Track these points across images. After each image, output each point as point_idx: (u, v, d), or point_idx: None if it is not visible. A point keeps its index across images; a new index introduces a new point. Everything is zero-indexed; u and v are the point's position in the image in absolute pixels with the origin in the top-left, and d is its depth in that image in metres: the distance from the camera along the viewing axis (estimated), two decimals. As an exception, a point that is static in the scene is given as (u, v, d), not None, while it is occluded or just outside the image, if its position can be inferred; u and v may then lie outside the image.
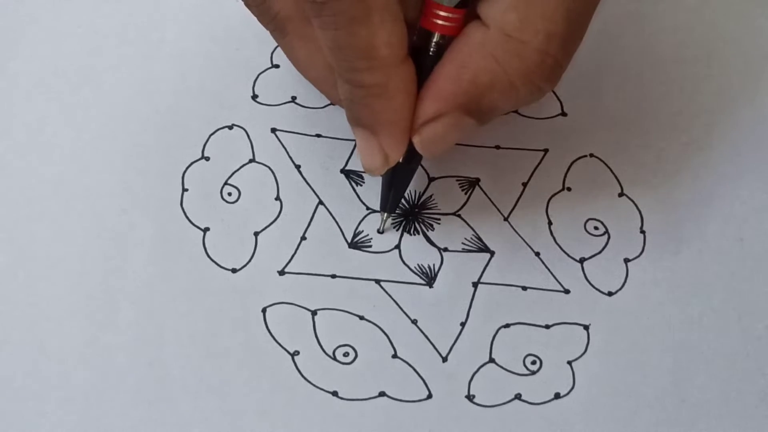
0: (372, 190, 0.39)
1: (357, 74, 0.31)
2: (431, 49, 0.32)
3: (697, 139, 0.40)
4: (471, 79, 0.31)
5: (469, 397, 0.35)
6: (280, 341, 0.36)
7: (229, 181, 0.39)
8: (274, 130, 0.40)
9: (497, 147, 0.40)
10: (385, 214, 0.37)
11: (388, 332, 0.36)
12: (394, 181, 0.36)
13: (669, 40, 0.42)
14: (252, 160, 0.39)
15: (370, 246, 0.38)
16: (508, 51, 0.30)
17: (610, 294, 0.37)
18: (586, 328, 0.36)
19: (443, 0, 0.31)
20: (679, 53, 0.42)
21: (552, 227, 0.38)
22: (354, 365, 0.36)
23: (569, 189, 0.39)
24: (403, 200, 0.39)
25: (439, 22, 0.32)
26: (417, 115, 0.32)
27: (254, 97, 0.40)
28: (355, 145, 0.39)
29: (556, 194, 0.39)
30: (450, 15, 0.31)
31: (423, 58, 0.32)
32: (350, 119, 0.33)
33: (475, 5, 0.31)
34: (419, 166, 0.37)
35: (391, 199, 0.37)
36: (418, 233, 0.38)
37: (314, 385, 0.35)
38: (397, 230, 0.38)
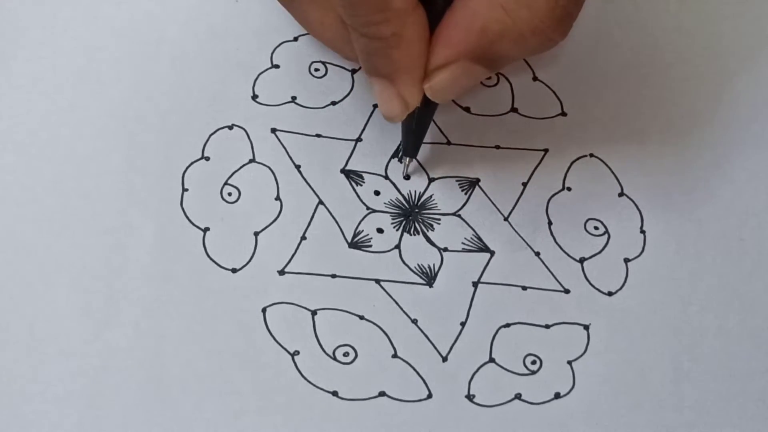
0: (371, 189, 0.39)
1: (373, 27, 0.31)
2: None
3: (697, 139, 0.40)
4: (481, 28, 0.31)
5: (469, 397, 0.35)
6: (280, 341, 0.36)
7: (229, 181, 0.39)
8: (274, 130, 0.40)
9: (497, 147, 0.40)
10: (407, 159, 0.38)
11: (388, 332, 0.36)
12: (414, 125, 0.36)
13: (669, 40, 0.42)
14: (252, 160, 0.39)
15: (370, 246, 0.38)
16: (518, 1, 0.30)
17: (610, 294, 0.37)
18: (586, 328, 0.36)
19: None
20: (680, 53, 0.42)
21: (552, 227, 0.38)
22: (354, 365, 0.36)
23: (569, 189, 0.39)
24: (402, 200, 0.39)
25: None
26: (428, 62, 0.33)
27: (254, 97, 0.40)
28: (355, 145, 0.39)
29: (556, 194, 0.39)
30: None
31: (432, 5, 0.32)
32: (367, 70, 0.34)
33: None
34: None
35: (412, 144, 0.37)
36: (418, 233, 0.38)
37: (314, 385, 0.35)
38: (398, 230, 0.38)
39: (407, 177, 0.39)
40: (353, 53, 0.34)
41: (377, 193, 0.39)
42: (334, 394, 0.35)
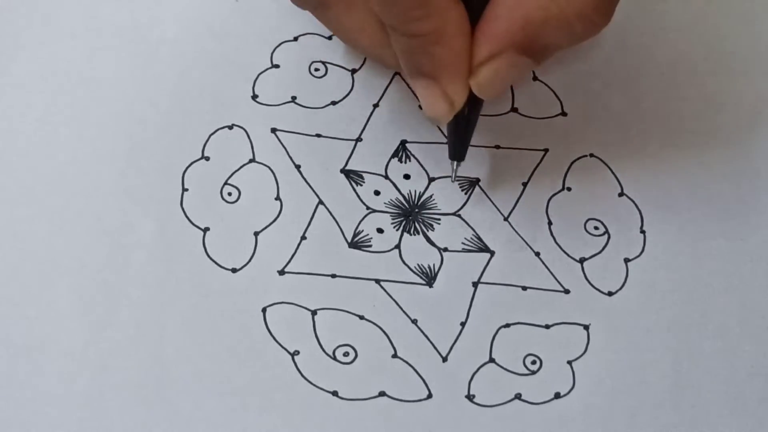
0: (372, 189, 0.39)
1: (413, 24, 0.31)
2: None
3: (697, 139, 0.40)
4: (524, 16, 0.30)
5: (469, 397, 0.35)
6: (280, 341, 0.36)
7: (229, 181, 0.39)
8: (274, 130, 0.40)
9: (497, 147, 0.40)
10: (455, 163, 0.37)
11: (388, 332, 0.36)
12: (459, 127, 0.35)
13: (670, 40, 0.42)
14: (252, 160, 0.39)
15: (370, 246, 0.38)
16: None
17: (610, 294, 0.37)
18: (586, 328, 0.36)
19: None
20: (680, 53, 0.42)
21: (552, 227, 0.38)
22: (354, 365, 0.36)
23: (569, 189, 0.39)
24: (402, 200, 0.39)
25: None
26: (472, 57, 0.32)
27: (254, 97, 0.40)
28: (355, 145, 0.39)
29: (556, 194, 0.39)
30: None
31: None
32: (410, 72, 0.33)
33: None
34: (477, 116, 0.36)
35: (459, 146, 0.36)
36: (418, 233, 0.38)
37: (314, 385, 0.35)
38: (398, 230, 0.38)
39: (454, 180, 0.38)
40: (393, 59, 0.33)
41: (377, 193, 0.39)
42: (334, 394, 0.35)
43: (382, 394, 0.35)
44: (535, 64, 0.32)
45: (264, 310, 0.36)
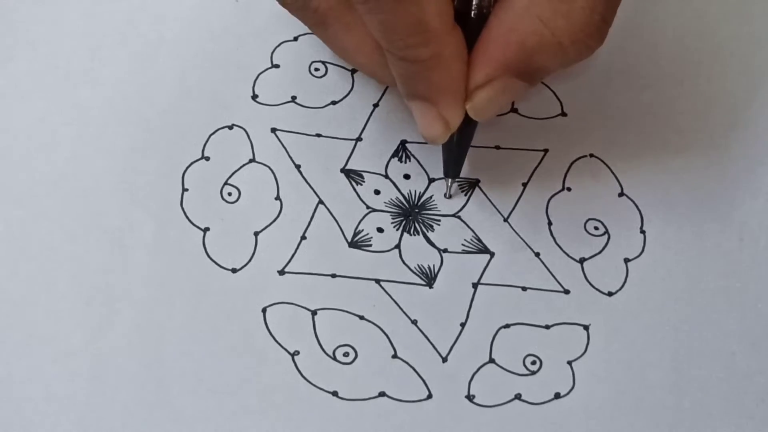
0: (372, 189, 0.39)
1: (411, 50, 0.31)
2: (473, 12, 0.32)
3: (697, 139, 0.40)
4: (519, 42, 0.31)
5: (469, 397, 0.35)
6: (280, 341, 0.36)
7: (229, 181, 0.39)
8: (274, 130, 0.40)
9: (497, 147, 0.40)
10: (450, 180, 0.38)
11: (388, 332, 0.36)
12: (456, 145, 0.36)
13: (670, 40, 0.42)
14: (252, 160, 0.39)
15: (370, 246, 0.38)
16: (555, 11, 0.30)
17: (610, 294, 0.37)
18: (586, 328, 0.36)
19: None
20: (680, 53, 0.42)
21: (552, 227, 0.38)
22: (354, 365, 0.36)
23: (569, 189, 0.39)
24: (402, 200, 0.39)
25: None
26: (468, 81, 0.32)
27: (254, 97, 0.40)
28: (355, 145, 0.39)
29: (556, 194, 0.39)
30: None
31: (467, 22, 0.32)
32: (406, 94, 0.33)
33: None
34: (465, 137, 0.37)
35: (454, 164, 0.37)
36: (418, 234, 0.38)
37: (314, 385, 0.35)
38: (398, 230, 0.38)
39: (449, 197, 0.38)
40: (390, 78, 0.34)
41: (377, 192, 0.39)
42: (334, 394, 0.35)
43: (382, 394, 0.35)
44: (529, 86, 0.33)
45: (264, 310, 0.36)
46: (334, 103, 0.40)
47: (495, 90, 0.32)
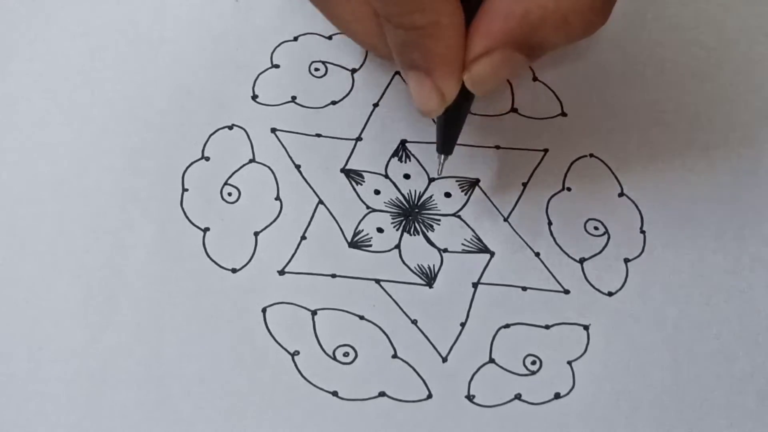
0: (372, 189, 0.39)
1: (408, 17, 0.30)
2: None
3: (697, 139, 0.40)
4: (522, 14, 0.30)
5: (469, 397, 0.35)
6: (280, 341, 0.36)
7: (229, 181, 0.39)
8: (274, 130, 0.40)
9: (497, 147, 0.40)
10: (442, 156, 0.37)
11: (388, 332, 0.36)
12: (449, 121, 0.35)
13: (670, 40, 0.42)
14: (252, 160, 0.39)
15: (370, 246, 0.38)
16: None
17: (610, 294, 0.37)
18: (586, 328, 0.36)
19: None
20: (680, 53, 0.42)
21: (552, 227, 0.38)
22: (354, 365, 0.36)
23: (569, 189, 0.39)
24: (402, 200, 0.39)
25: None
26: (467, 52, 0.32)
27: (254, 97, 0.40)
28: (355, 145, 0.39)
29: (556, 194, 0.39)
30: None
31: None
32: (403, 64, 0.33)
33: None
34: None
35: (447, 140, 0.36)
36: (418, 233, 0.38)
37: (314, 385, 0.35)
38: (398, 229, 0.38)
39: (438, 174, 0.38)
40: (387, 49, 0.33)
41: (377, 192, 0.39)
42: (334, 394, 0.35)
43: (382, 394, 0.35)
44: (529, 61, 0.32)
45: (264, 310, 0.36)
46: (334, 103, 0.40)
47: (494, 61, 0.31)
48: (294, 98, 0.40)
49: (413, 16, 0.30)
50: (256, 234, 0.38)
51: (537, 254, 0.38)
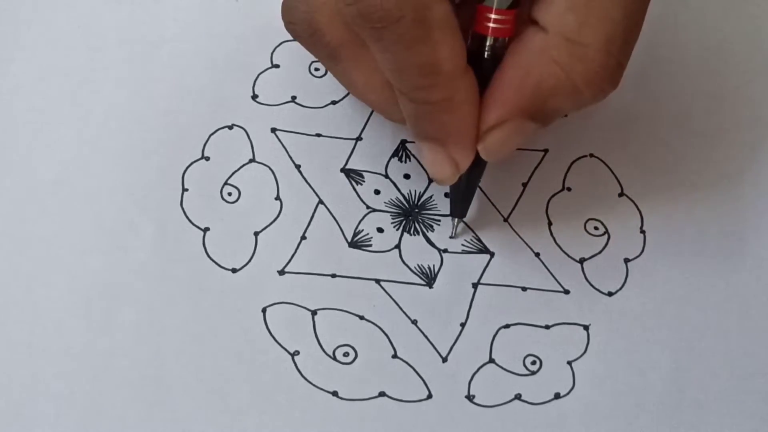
0: (372, 189, 0.39)
1: (422, 92, 0.31)
2: (486, 53, 0.32)
3: (697, 138, 0.40)
4: (534, 85, 0.31)
5: (469, 397, 0.35)
6: (280, 341, 0.36)
7: (229, 181, 0.39)
8: (274, 130, 0.40)
9: (497, 147, 0.40)
10: (456, 220, 0.37)
11: (388, 332, 0.36)
12: (464, 186, 0.36)
13: (670, 39, 0.42)
14: (252, 160, 0.39)
15: (370, 245, 0.38)
16: (571, 54, 0.30)
17: (610, 294, 0.37)
18: (586, 328, 0.36)
19: (494, 3, 0.31)
20: (680, 53, 0.42)
21: (552, 227, 0.38)
22: (354, 365, 0.36)
23: (569, 189, 0.39)
24: (402, 200, 0.39)
25: (492, 25, 0.32)
26: (481, 122, 0.32)
27: (254, 97, 0.40)
28: (355, 144, 0.39)
29: (556, 194, 0.39)
30: (502, 17, 0.32)
31: (479, 63, 0.32)
32: (416, 135, 0.33)
33: (529, 9, 0.31)
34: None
35: (461, 204, 0.37)
36: (418, 233, 0.38)
37: (314, 385, 0.35)
38: (398, 229, 0.38)
39: (453, 237, 0.38)
40: (400, 116, 0.33)
41: (377, 192, 0.39)
42: (334, 394, 0.35)
43: (382, 394, 0.35)
44: (540, 128, 0.33)
45: (264, 310, 0.36)
46: (334, 103, 0.40)
47: (508, 131, 0.32)
48: (294, 98, 0.40)
49: (428, 92, 0.31)
50: (256, 234, 0.38)
51: (537, 254, 0.38)
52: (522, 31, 0.32)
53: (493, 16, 0.32)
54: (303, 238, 0.38)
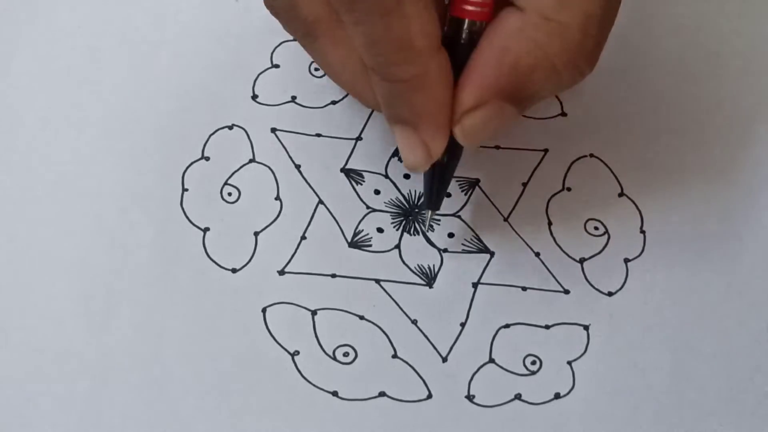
0: (372, 189, 0.39)
1: (394, 68, 0.30)
2: (463, 37, 0.32)
3: (697, 138, 0.40)
4: (512, 64, 0.30)
5: (469, 397, 0.35)
6: (280, 341, 0.36)
7: (229, 181, 0.39)
8: (274, 130, 0.40)
9: (497, 147, 0.40)
10: (429, 212, 0.37)
11: (388, 332, 0.36)
12: (437, 176, 0.35)
13: (670, 39, 0.42)
14: (252, 160, 0.39)
15: (370, 246, 0.38)
16: (549, 33, 0.30)
17: (610, 294, 0.37)
18: (586, 328, 0.36)
19: None
20: (680, 53, 0.42)
21: (552, 227, 0.38)
22: (354, 365, 0.36)
23: (569, 189, 0.39)
24: (402, 200, 0.39)
25: (470, 8, 0.31)
26: (457, 104, 0.31)
27: (254, 97, 0.40)
28: (355, 144, 0.39)
29: (556, 194, 0.39)
30: (480, 0, 0.31)
31: (455, 48, 0.31)
32: (389, 117, 0.33)
33: None
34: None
35: (435, 196, 0.36)
36: (418, 233, 0.38)
37: (314, 385, 0.35)
38: (397, 229, 0.38)
39: (431, 229, 0.38)
40: (373, 98, 0.33)
41: (377, 192, 0.39)
42: (334, 394, 0.35)
43: (382, 394, 0.35)
44: (519, 112, 0.32)
45: (264, 310, 0.36)
46: (334, 103, 0.40)
47: (486, 114, 0.31)
48: (294, 98, 0.40)
49: (400, 69, 0.30)
50: (256, 234, 0.38)
51: (537, 254, 0.38)
52: (498, 12, 0.31)
53: None
54: (303, 238, 0.38)
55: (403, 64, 0.30)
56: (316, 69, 0.41)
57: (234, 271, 0.37)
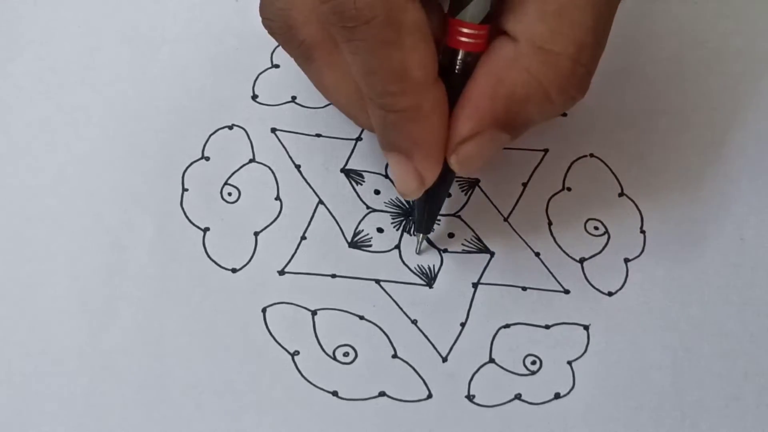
0: (372, 189, 0.39)
1: (390, 98, 0.30)
2: (457, 68, 0.32)
3: (697, 138, 0.40)
4: (507, 94, 0.31)
5: (469, 397, 0.35)
6: (280, 341, 0.36)
7: (229, 181, 0.39)
8: (274, 130, 0.40)
9: (497, 147, 0.40)
10: (420, 236, 0.37)
11: (388, 332, 0.36)
12: (429, 201, 0.35)
13: (670, 39, 0.42)
14: (252, 160, 0.39)
15: (370, 246, 0.38)
16: (542, 63, 0.30)
17: (610, 294, 0.37)
18: (586, 328, 0.36)
19: (467, 17, 0.31)
20: (680, 53, 0.42)
21: (552, 227, 0.38)
22: (354, 365, 0.36)
23: (569, 189, 0.39)
24: (402, 200, 0.39)
25: (464, 39, 0.31)
26: (452, 134, 0.32)
27: (254, 97, 0.40)
28: (355, 145, 0.39)
29: (556, 194, 0.39)
30: (475, 32, 0.31)
31: (449, 77, 0.32)
32: (383, 144, 0.33)
33: (499, 21, 0.31)
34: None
35: (426, 220, 0.36)
36: (418, 233, 0.38)
37: (314, 385, 0.35)
38: (397, 229, 0.38)
39: (419, 253, 0.38)
40: (368, 122, 0.33)
41: (377, 192, 0.39)
42: (334, 394, 0.35)
43: (382, 394, 0.35)
44: (512, 139, 0.32)
45: (264, 310, 0.36)
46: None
47: (481, 143, 0.32)
48: (294, 98, 0.40)
49: (396, 99, 0.30)
50: (256, 234, 0.38)
51: (537, 254, 0.38)
52: (491, 42, 0.31)
53: (466, 30, 0.31)
54: (303, 238, 0.38)
55: (400, 94, 0.30)
56: (316, 69, 0.41)
57: (234, 271, 0.37)
